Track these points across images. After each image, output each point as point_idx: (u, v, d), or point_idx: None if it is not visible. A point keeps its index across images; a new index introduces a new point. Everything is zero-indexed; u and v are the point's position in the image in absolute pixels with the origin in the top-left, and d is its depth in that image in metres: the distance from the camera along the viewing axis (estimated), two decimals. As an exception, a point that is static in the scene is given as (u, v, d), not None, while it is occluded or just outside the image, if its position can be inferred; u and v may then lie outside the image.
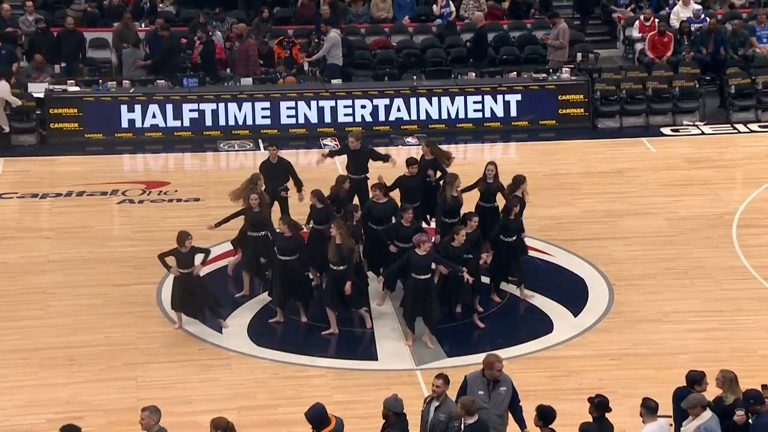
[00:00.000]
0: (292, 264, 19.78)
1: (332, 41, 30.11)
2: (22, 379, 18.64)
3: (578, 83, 29.90)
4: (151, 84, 29.26)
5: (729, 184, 25.99)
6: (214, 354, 19.49)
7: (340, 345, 19.69)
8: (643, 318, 20.52)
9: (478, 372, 15.55)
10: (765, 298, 20.93)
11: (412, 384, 18.39)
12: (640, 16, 31.85)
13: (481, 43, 30.94)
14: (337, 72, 29.97)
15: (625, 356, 19.40)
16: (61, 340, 19.74)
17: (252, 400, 17.59)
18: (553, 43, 30.51)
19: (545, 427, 14.63)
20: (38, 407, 17.69)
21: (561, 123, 29.38)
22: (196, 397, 17.81)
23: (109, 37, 30.75)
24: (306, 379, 18.35)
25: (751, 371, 17.78)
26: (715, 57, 30.90)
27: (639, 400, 14.84)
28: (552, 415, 14.66)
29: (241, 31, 30.10)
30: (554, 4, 33.55)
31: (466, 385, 15.49)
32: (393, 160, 22.67)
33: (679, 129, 29.58)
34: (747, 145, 28.54)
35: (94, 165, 26.62)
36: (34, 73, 29.08)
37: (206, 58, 29.83)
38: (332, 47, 30.09)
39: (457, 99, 29.53)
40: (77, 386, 18.43)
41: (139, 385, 18.42)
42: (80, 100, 28.71)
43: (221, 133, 28.89)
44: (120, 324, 20.12)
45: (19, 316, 20.53)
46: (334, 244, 19.32)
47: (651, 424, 14.65)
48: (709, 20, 31.42)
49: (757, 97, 30.12)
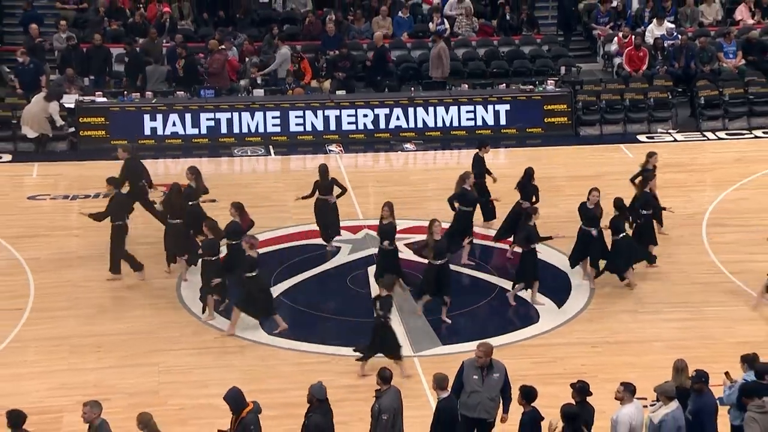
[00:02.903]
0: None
1: (283, 57, 30.12)
2: (53, 364, 18.64)
3: (562, 94, 29.88)
4: (171, 95, 29.25)
5: (699, 186, 25.98)
6: (229, 342, 19.47)
7: (345, 334, 19.66)
8: (622, 309, 20.52)
9: (474, 358, 15.55)
10: (731, 290, 20.92)
11: (410, 369, 18.35)
12: (618, 33, 31.84)
13: (382, 60, 30.81)
14: (282, 84, 29.95)
15: (605, 344, 19.39)
16: (89, 329, 19.74)
17: (264, 384, 17.54)
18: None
19: (528, 405, 14.65)
20: (68, 390, 17.68)
21: (546, 131, 29.37)
22: (213, 382, 17.76)
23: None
24: (313, 365, 18.32)
25: (718, 358, 17.75)
26: (686, 71, 30.91)
27: (617, 384, 14.83)
28: (534, 394, 14.68)
29: (212, 47, 29.94)
30: (540, 22, 33.50)
31: (462, 368, 15.49)
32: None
33: (654, 136, 29.59)
34: (715, 152, 28.54)
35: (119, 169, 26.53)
36: (66, 85, 29.05)
37: (189, 72, 29.80)
38: (283, 62, 30.08)
39: (451, 109, 29.52)
40: (103, 371, 18.43)
41: (160, 371, 18.41)
42: (107, 110, 28.72)
43: (235, 139, 28.88)
44: (142, 314, 20.14)
45: (51, 307, 20.53)
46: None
47: (628, 406, 14.64)
48: (680, 37, 31.43)
49: (724, 107, 30.12)
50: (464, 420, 15.37)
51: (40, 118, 27.68)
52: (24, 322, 20.04)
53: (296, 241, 23.29)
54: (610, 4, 33.07)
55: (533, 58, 31.79)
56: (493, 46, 32.20)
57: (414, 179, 27.30)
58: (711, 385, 15.23)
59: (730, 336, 19.36)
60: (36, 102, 27.61)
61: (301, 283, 21.61)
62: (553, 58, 31.78)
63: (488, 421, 15.36)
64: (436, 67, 30.34)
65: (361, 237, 23.32)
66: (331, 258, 22.48)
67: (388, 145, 28.99)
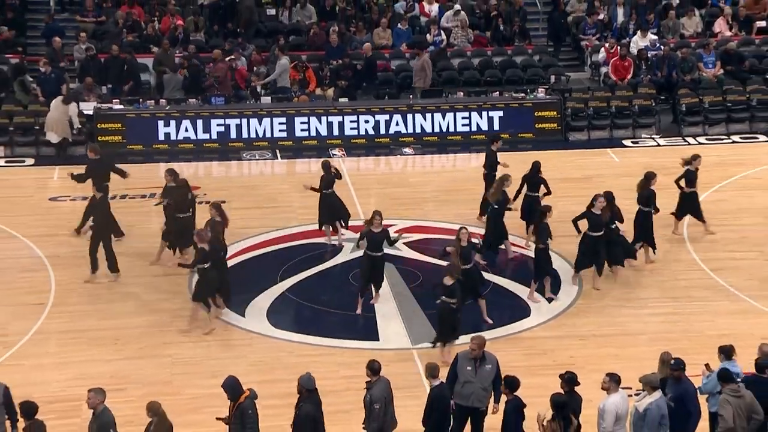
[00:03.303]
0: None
1: (283, 67, 30.02)
2: (73, 356, 18.65)
3: (552, 101, 29.84)
4: (184, 102, 29.22)
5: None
6: (238, 335, 19.48)
7: (347, 327, 19.65)
8: (608, 303, 20.51)
9: (468, 350, 15.55)
10: (711, 286, 20.92)
11: (409, 360, 18.37)
12: (604, 44, 31.81)
13: (372, 68, 30.69)
14: (287, 92, 29.84)
15: (592, 336, 19.38)
16: (107, 323, 19.73)
17: (270, 375, 17.52)
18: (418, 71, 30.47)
19: (511, 394, 14.73)
20: (87, 380, 17.58)
21: (537, 136, 29.33)
22: (222, 372, 17.59)
23: (147, 62, 30.68)
24: (317, 357, 18.31)
25: (700, 349, 17.79)
26: (669, 80, 30.88)
27: (604, 374, 14.81)
28: (516, 384, 14.77)
29: (215, 56, 29.88)
30: (531, 33, 33.47)
31: (456, 360, 15.50)
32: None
33: (638, 141, 29.56)
34: (696, 155, 28.50)
35: (135, 172, 26.47)
36: (85, 93, 29.02)
37: (193, 80, 29.74)
38: (282, 72, 30.00)
39: (447, 115, 29.47)
40: (120, 362, 18.43)
41: (174, 362, 18.40)
42: (123, 116, 28.68)
43: (244, 144, 28.83)
44: (157, 309, 20.13)
45: (71, 302, 20.54)
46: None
47: (614, 395, 14.65)
48: (663, 48, 31.41)
49: (704, 114, 30.10)
50: (458, 409, 15.39)
51: (63, 122, 27.66)
52: (46, 315, 20.03)
53: (301, 240, 23.25)
54: (597, 17, 33.06)
55: (525, 68, 31.75)
56: (487, 56, 32.16)
57: (412, 181, 27.28)
58: (690, 375, 15.30)
59: (710, 329, 19.37)
60: (56, 107, 27.58)
61: (306, 279, 21.59)
62: (544, 68, 31.74)
63: (481, 410, 15.41)
64: (419, 78, 30.28)
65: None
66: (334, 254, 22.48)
67: (388, 149, 28.97)
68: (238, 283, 20.73)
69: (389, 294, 20.68)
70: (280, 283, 21.23)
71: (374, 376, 14.87)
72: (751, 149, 28.83)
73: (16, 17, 32.01)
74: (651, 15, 32.88)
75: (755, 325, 19.43)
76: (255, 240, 23.09)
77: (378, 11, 32.97)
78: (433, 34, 32.22)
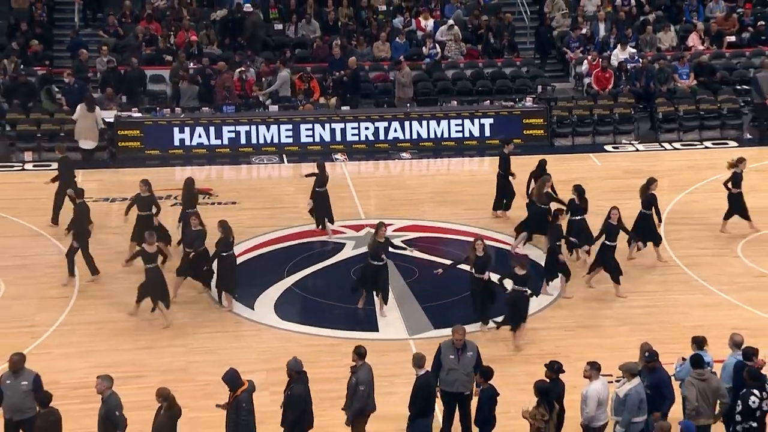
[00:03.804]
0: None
1: (283, 79, 29.93)
2: (96, 346, 18.67)
3: (539, 110, 29.83)
4: (198, 110, 29.20)
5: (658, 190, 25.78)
6: (248, 326, 19.48)
7: (348, 319, 19.64)
8: (592, 297, 20.51)
9: (449, 340, 15.59)
10: (687, 281, 20.93)
11: (406, 350, 18.32)
12: (587, 57, 31.79)
13: (356, 80, 30.54)
14: (285, 101, 29.76)
15: (576, 328, 19.38)
16: (126, 315, 19.70)
17: (278, 363, 17.42)
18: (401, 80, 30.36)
19: (485, 383, 14.83)
20: (108, 367, 17.50)
21: (525, 141, 29.28)
22: (234, 361, 17.65)
23: (164, 73, 30.66)
24: (321, 347, 18.30)
25: (677, 340, 17.82)
26: (646, 90, 30.87)
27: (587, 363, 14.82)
28: (491, 373, 14.90)
29: (220, 68, 29.84)
30: (519, 46, 33.44)
31: (440, 350, 15.53)
32: None
33: (619, 147, 29.53)
34: (672, 160, 28.52)
35: (152, 175, 26.39)
36: (106, 103, 29.02)
37: (206, 90, 29.67)
38: (283, 83, 29.93)
39: (442, 122, 29.45)
40: (139, 351, 18.43)
41: (188, 351, 18.41)
42: (142, 123, 28.67)
43: (253, 149, 28.82)
44: (173, 302, 20.04)
45: (93, 296, 20.54)
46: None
47: (596, 382, 14.68)
48: (641, 61, 31.40)
49: (679, 121, 30.09)
50: (445, 395, 15.44)
51: (94, 129, 27.64)
52: (70, 308, 20.05)
53: (306, 238, 23.23)
54: (580, 32, 33.03)
55: (513, 78, 31.74)
56: (479, 67, 32.14)
57: (409, 184, 27.26)
58: (667, 363, 15.32)
59: (685, 321, 19.39)
60: (83, 116, 27.51)
61: (311, 275, 21.59)
62: (531, 78, 31.73)
63: (465, 394, 15.48)
64: (402, 89, 30.22)
65: (363, 234, 23.24)
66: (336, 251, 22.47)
67: (386, 154, 28.95)
68: (247, 278, 20.72)
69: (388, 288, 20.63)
70: (286, 278, 21.22)
71: (360, 360, 14.93)
72: (722, 154, 28.74)
73: (44, 32, 32.02)
74: (630, 30, 32.87)
75: (726, 317, 19.43)
76: (263, 238, 23.09)
77: (377, 26, 32.95)
78: (429, 47, 32.20)
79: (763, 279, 21.17)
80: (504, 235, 23.05)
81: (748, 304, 20.01)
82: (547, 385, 14.45)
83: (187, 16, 32.62)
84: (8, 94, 29.33)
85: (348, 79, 30.37)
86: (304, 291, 20.90)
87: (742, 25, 33.68)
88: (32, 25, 31.86)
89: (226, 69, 29.83)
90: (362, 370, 14.92)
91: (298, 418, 14.51)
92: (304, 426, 14.64)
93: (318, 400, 15.16)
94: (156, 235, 19.61)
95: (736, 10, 34.10)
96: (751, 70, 31.38)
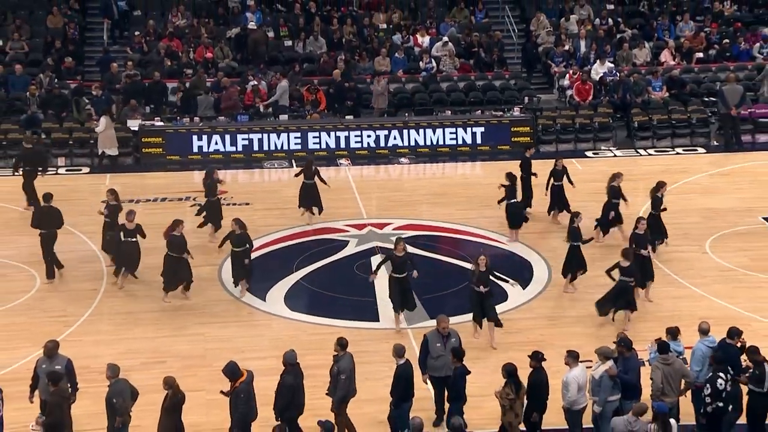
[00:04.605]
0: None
1: (282, 89, 29.84)
2: (122, 334, 18.69)
3: (526, 119, 29.81)
4: (214, 120, 29.21)
5: (634, 192, 25.84)
6: (260, 316, 19.50)
7: (352, 310, 19.64)
8: (573, 290, 20.47)
9: (435, 330, 15.64)
10: (660, 275, 20.71)
11: (404, 338, 18.33)
12: (569, 71, 31.80)
13: (341, 91, 30.36)
14: (285, 110, 29.70)
15: (559, 317, 19.38)
16: (150, 306, 19.75)
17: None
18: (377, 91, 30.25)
19: (458, 362, 14.94)
20: (134, 354, 17.71)
21: (513, 148, 29.21)
22: (247, 348, 17.79)
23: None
24: (327, 335, 18.24)
25: (649, 327, 17.84)
26: (623, 101, 30.85)
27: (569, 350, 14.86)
28: (462, 354, 14.98)
29: (225, 83, 29.83)
30: (508, 61, 33.44)
31: (426, 340, 15.57)
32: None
33: (598, 152, 29.52)
34: (646, 165, 28.48)
35: (173, 179, 26.61)
36: (131, 113, 29.05)
37: (186, 101, 29.67)
38: (283, 93, 29.85)
39: (437, 130, 29.42)
40: (162, 339, 18.45)
41: (206, 339, 18.42)
42: (163, 131, 28.67)
43: (265, 155, 28.81)
44: (192, 294, 20.10)
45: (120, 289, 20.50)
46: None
47: (575, 369, 14.71)
48: (618, 74, 31.40)
49: (652, 130, 30.08)
50: (433, 380, 15.51)
51: (115, 137, 27.68)
52: (99, 300, 20.06)
53: (313, 236, 23.24)
54: (563, 48, 33.04)
55: (503, 90, 31.74)
56: (471, 80, 32.14)
57: (407, 186, 27.24)
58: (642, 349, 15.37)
59: (658, 311, 19.38)
60: (109, 125, 27.53)
61: (318, 269, 21.59)
62: (518, 90, 31.73)
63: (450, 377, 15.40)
64: (378, 98, 30.16)
65: (365, 233, 23.28)
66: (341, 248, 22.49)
67: (387, 159, 28.95)
68: (260, 272, 20.73)
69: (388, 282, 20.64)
70: (295, 273, 21.23)
71: (342, 351, 14.90)
72: (692, 159, 28.85)
73: (76, 49, 32.08)
74: (608, 46, 32.87)
75: (695, 307, 19.42)
76: (274, 236, 23.11)
77: (378, 43, 32.95)
78: (425, 62, 32.21)
79: (728, 273, 21.18)
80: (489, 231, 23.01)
81: (714, 296, 20.02)
82: (513, 367, 14.56)
83: (205, 33, 32.65)
84: (44, 105, 29.37)
85: (333, 90, 30.37)
86: (311, 284, 20.91)
87: (709, 42, 33.70)
88: (65, 43, 31.91)
89: (230, 84, 29.76)
90: (344, 359, 14.87)
91: (287, 405, 14.51)
92: (294, 413, 14.60)
93: (322, 384, 15.18)
94: (134, 214, 20.55)
95: (704, 29, 34.15)
96: (718, 84, 31.35)
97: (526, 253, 22.13)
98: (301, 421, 14.66)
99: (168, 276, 19.69)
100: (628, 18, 34.89)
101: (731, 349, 15.11)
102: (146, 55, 32.04)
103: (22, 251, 21.63)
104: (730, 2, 35.51)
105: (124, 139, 28.37)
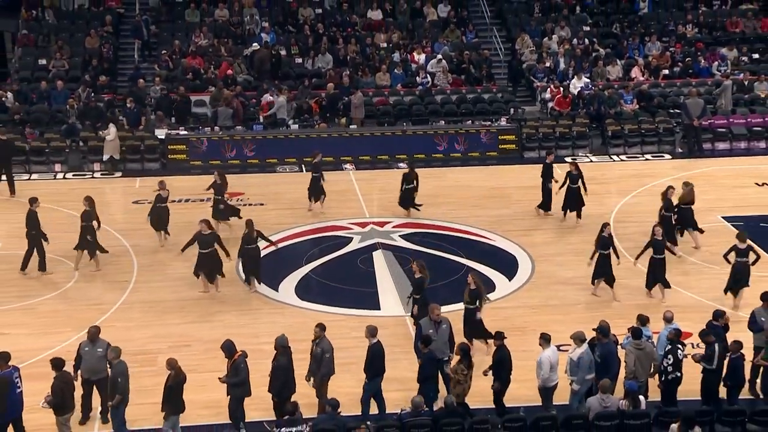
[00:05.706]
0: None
1: (280, 104, 29.64)
2: (151, 320, 18.72)
3: (511, 128, 29.78)
4: (233, 129, 29.19)
5: (607, 194, 25.97)
6: (273, 305, 19.49)
7: (355, 299, 19.63)
8: (554, 282, 20.51)
9: (426, 317, 15.67)
10: (631, 268, 20.72)
11: (403, 325, 18.38)
12: (550, 85, 31.78)
13: (333, 102, 30.18)
14: (284, 122, 29.54)
15: (541, 306, 19.39)
16: (175, 296, 19.78)
17: (297, 336, 17.30)
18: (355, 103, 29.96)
19: (426, 348, 14.93)
20: (161, 338, 17.74)
21: (500, 154, 29.26)
22: (262, 334, 17.79)
23: (206, 98, 30.65)
24: (333, 322, 18.13)
25: (622, 315, 17.82)
26: (598, 112, 30.79)
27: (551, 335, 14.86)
28: (430, 340, 14.99)
29: (227, 96, 29.68)
30: (495, 76, 33.40)
31: (420, 328, 15.60)
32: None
33: (576, 158, 29.46)
34: (619, 170, 28.47)
35: (195, 182, 26.58)
36: (159, 123, 29.05)
37: (181, 112, 29.59)
38: (280, 108, 29.71)
39: (432, 138, 29.38)
40: (186, 325, 18.48)
41: (225, 325, 18.43)
42: (187, 140, 28.63)
43: (278, 160, 28.76)
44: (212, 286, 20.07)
45: (147, 279, 20.57)
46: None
47: (547, 350, 14.76)
48: (594, 88, 31.39)
49: (624, 138, 30.02)
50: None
51: (118, 143, 27.63)
52: (130, 290, 20.08)
53: (321, 233, 23.25)
54: (544, 65, 33.03)
55: (491, 102, 31.69)
56: (462, 93, 32.11)
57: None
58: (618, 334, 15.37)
59: (629, 300, 19.40)
60: (114, 134, 27.49)
61: (325, 263, 21.59)
62: (505, 103, 31.67)
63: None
64: (356, 109, 29.98)
65: (368, 230, 23.27)
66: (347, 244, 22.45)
67: (387, 164, 28.90)
68: (273, 265, 20.72)
69: (388, 274, 20.67)
70: (305, 266, 21.23)
71: (321, 333, 15.00)
72: (659, 165, 28.83)
73: (110, 67, 32.09)
74: (585, 64, 32.86)
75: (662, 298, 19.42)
76: (286, 233, 23.09)
77: (379, 59, 32.92)
78: (421, 77, 32.19)
79: (690, 266, 21.17)
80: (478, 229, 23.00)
81: (678, 287, 20.01)
82: (467, 346, 14.69)
83: (225, 52, 32.62)
84: (81, 117, 29.36)
85: (326, 102, 30.33)
86: (319, 276, 20.91)
87: (674, 61, 33.73)
88: (101, 61, 31.90)
89: (233, 96, 29.76)
90: (324, 341, 14.99)
91: (283, 385, 14.53)
92: (288, 393, 14.63)
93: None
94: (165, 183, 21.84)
95: (669, 49, 34.20)
96: (681, 97, 31.35)
97: (512, 248, 22.11)
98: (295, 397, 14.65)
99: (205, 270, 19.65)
100: (603, 38, 34.88)
101: (718, 329, 15.41)
102: (172, 71, 32.03)
103: (63, 246, 21.62)
104: (692, 25, 35.60)
105: (151, 146, 28.35)
